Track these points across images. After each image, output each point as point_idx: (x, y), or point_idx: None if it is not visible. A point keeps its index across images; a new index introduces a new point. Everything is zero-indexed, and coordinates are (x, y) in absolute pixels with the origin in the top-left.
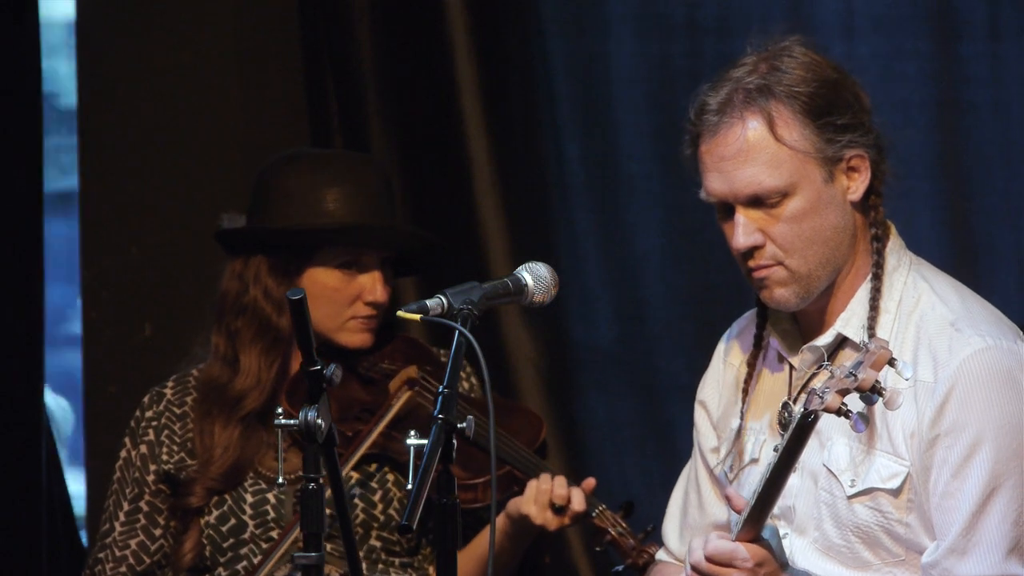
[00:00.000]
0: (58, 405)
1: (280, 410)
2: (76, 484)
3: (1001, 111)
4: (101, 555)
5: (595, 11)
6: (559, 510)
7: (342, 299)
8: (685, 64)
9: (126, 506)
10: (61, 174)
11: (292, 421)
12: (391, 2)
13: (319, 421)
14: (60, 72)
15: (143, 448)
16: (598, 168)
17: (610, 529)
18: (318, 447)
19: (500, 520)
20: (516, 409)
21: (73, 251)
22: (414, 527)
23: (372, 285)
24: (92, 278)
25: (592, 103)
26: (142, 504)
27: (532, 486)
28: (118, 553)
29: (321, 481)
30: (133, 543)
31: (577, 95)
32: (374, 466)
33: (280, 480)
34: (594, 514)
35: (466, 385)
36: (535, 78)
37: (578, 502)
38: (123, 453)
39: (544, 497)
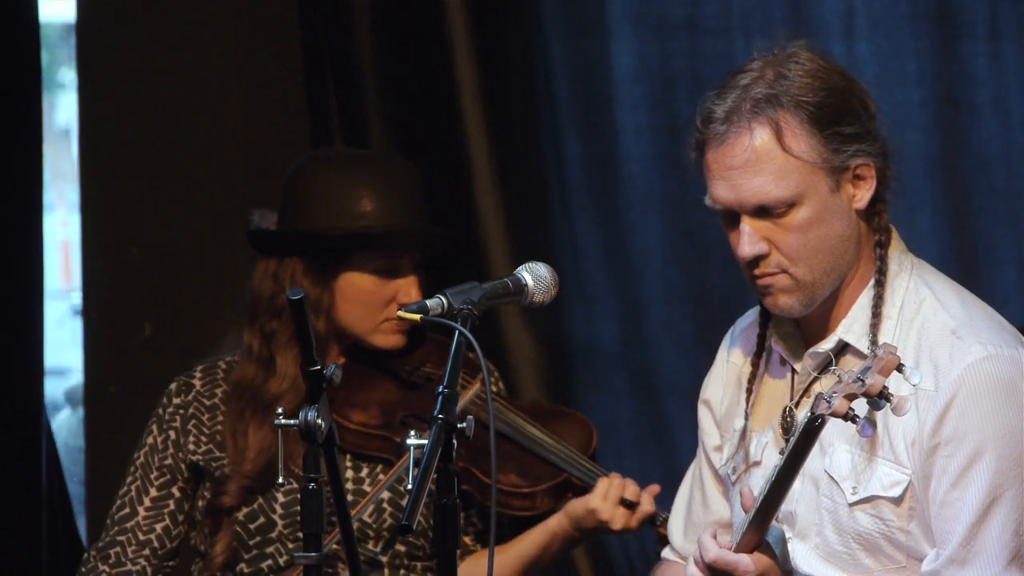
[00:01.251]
0: None
1: (280, 410)
2: (76, 484)
3: (1001, 111)
4: (121, 538)
5: (595, 11)
6: (628, 506)
7: (377, 301)
8: (685, 64)
9: (153, 491)
10: None
11: (292, 421)
12: (391, 2)
13: (319, 421)
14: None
15: (171, 434)
16: (598, 168)
17: None
18: (318, 447)
19: (555, 521)
20: (566, 415)
21: None
22: (414, 527)
23: (407, 288)
24: (92, 278)
25: (592, 103)
26: (174, 490)
27: (604, 482)
28: (142, 537)
29: (322, 481)
30: (159, 527)
31: (577, 95)
32: (404, 473)
33: (280, 480)
34: (659, 522)
35: (495, 389)
36: (535, 78)
37: (648, 502)
38: (149, 439)
39: (616, 492)
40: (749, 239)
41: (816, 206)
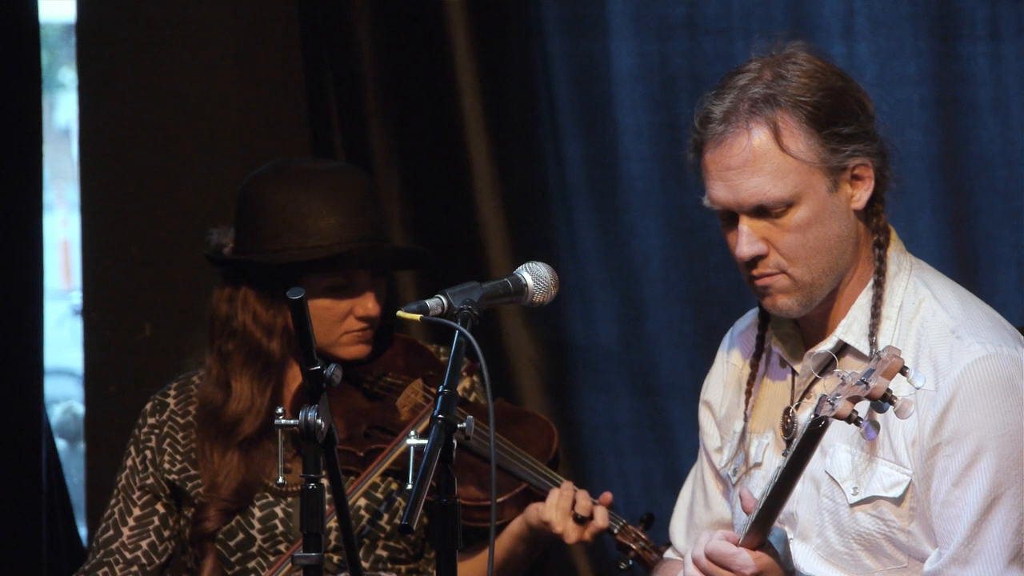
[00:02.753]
0: None
1: (280, 410)
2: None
3: (1001, 111)
4: (108, 559)
5: (595, 11)
6: (580, 521)
7: (334, 317)
8: (685, 64)
9: (136, 511)
10: None
11: (292, 421)
12: (391, 2)
13: (319, 421)
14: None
15: (148, 454)
16: (598, 168)
17: (632, 545)
18: (318, 447)
19: (517, 524)
20: (525, 416)
21: None
22: (414, 527)
23: (364, 301)
24: (92, 278)
25: (592, 103)
26: (158, 507)
27: (554, 493)
28: (128, 556)
29: (322, 481)
30: (144, 544)
31: (577, 95)
32: (378, 477)
33: (280, 480)
34: (616, 530)
35: (466, 384)
36: (535, 78)
37: (601, 518)
38: (129, 461)
39: (566, 503)
40: (747, 239)
41: (814, 206)
